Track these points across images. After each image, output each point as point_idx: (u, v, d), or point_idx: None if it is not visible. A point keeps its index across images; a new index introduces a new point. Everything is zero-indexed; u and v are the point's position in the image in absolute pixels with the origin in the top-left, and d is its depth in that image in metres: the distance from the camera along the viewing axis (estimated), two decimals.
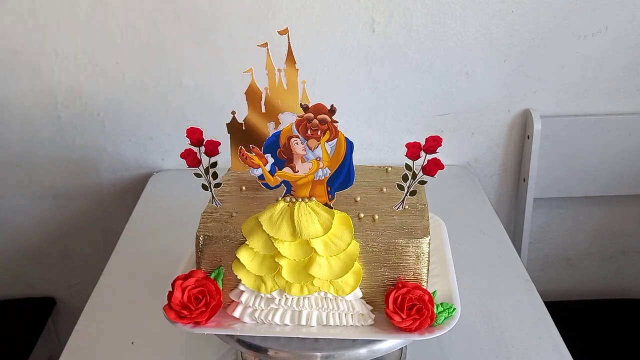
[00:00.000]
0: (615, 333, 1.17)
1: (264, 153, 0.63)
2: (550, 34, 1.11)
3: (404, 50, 1.11)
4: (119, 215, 1.22)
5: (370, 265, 0.63)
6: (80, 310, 0.87)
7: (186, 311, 0.62)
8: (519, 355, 0.78)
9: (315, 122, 0.60)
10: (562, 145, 1.19)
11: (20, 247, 1.31)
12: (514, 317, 0.84)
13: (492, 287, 0.89)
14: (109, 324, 0.84)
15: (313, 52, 1.10)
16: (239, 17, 1.07)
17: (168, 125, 1.18)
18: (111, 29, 1.08)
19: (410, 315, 0.60)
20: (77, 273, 1.35)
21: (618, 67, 1.15)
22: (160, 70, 1.12)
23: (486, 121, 1.19)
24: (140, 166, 1.23)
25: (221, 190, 0.71)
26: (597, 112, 1.19)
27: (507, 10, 1.09)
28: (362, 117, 1.18)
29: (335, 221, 0.62)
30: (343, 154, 0.62)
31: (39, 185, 1.23)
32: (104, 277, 0.94)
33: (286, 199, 0.64)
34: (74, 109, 1.15)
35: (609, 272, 1.38)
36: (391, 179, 0.74)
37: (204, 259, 0.65)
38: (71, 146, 1.19)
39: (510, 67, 1.14)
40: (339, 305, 0.63)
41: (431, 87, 1.15)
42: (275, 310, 0.64)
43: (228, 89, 1.14)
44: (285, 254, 0.62)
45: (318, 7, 1.07)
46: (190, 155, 0.63)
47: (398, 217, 0.67)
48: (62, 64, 1.11)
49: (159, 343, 0.80)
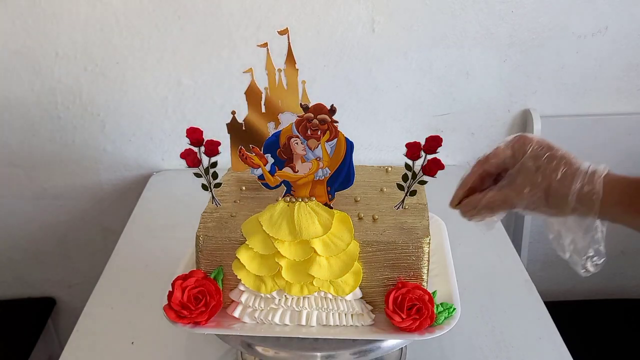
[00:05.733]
0: (615, 333, 1.17)
1: (264, 153, 0.63)
2: (550, 34, 1.11)
3: (404, 50, 1.11)
4: (119, 216, 1.22)
5: (370, 265, 0.63)
6: (80, 310, 0.87)
7: (186, 311, 0.62)
8: (519, 355, 0.78)
9: (315, 122, 0.60)
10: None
11: (20, 247, 1.31)
12: (514, 317, 0.84)
13: (492, 287, 0.89)
14: (109, 324, 0.84)
15: (313, 52, 1.10)
16: (239, 17, 1.07)
17: (168, 125, 1.18)
18: (111, 29, 1.08)
19: (410, 315, 0.60)
20: (77, 273, 1.35)
21: (618, 67, 1.15)
22: (160, 70, 1.12)
23: (486, 121, 1.19)
24: (140, 166, 1.23)
25: (221, 190, 0.71)
26: (597, 112, 1.19)
27: (507, 10, 1.09)
28: (362, 117, 1.18)
29: (335, 221, 0.62)
30: (343, 154, 0.62)
31: (39, 185, 1.23)
32: (104, 277, 0.94)
33: (286, 199, 0.64)
34: (74, 109, 1.15)
35: (609, 272, 1.38)
36: (391, 179, 0.74)
37: (204, 259, 0.65)
38: (71, 146, 1.19)
39: (510, 67, 1.14)
40: (339, 305, 0.63)
41: (431, 87, 1.15)
42: (275, 310, 0.64)
43: (228, 89, 1.14)
44: (285, 254, 0.62)
45: (318, 7, 1.07)
46: (190, 155, 0.63)
47: (398, 217, 0.67)
48: (62, 64, 1.11)
49: (159, 343, 0.80)
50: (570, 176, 0.54)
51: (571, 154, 0.57)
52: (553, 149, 0.57)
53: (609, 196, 0.53)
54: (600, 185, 0.53)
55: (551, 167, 0.55)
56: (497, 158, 0.59)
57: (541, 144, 0.57)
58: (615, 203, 0.53)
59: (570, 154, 0.56)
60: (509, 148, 0.58)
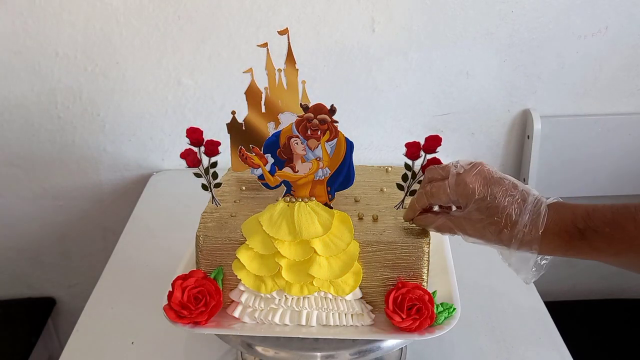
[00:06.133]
0: (615, 333, 1.17)
1: (264, 153, 0.63)
2: (550, 34, 1.11)
3: (404, 50, 1.11)
4: (119, 215, 1.22)
5: (370, 265, 0.63)
6: (80, 310, 0.87)
7: (186, 311, 0.62)
8: (519, 355, 0.78)
9: (315, 122, 0.60)
10: (562, 145, 1.19)
11: (20, 247, 1.31)
12: (514, 317, 0.84)
13: (492, 287, 0.89)
14: (109, 324, 0.84)
15: (313, 52, 1.10)
16: (239, 17, 1.07)
17: (168, 125, 1.18)
18: (111, 29, 1.08)
19: (410, 315, 0.60)
20: (77, 273, 1.35)
21: (618, 67, 1.15)
22: (160, 70, 1.12)
23: (486, 121, 1.19)
24: (140, 166, 1.23)
25: (221, 190, 0.71)
26: (597, 112, 1.19)
27: (507, 10, 1.09)
28: (362, 117, 1.18)
29: (335, 221, 0.62)
30: (343, 154, 0.62)
31: (39, 185, 1.23)
32: (104, 277, 0.94)
33: (286, 199, 0.64)
34: (74, 109, 1.15)
35: (609, 272, 1.38)
36: (391, 179, 0.75)
37: (204, 259, 0.65)
38: (71, 146, 1.19)
39: (510, 67, 1.14)
40: (339, 305, 0.63)
41: (431, 87, 1.15)
42: (275, 310, 0.64)
43: (228, 89, 1.14)
44: (285, 254, 0.62)
45: (318, 7, 1.07)
46: (190, 155, 0.63)
47: (398, 217, 0.67)
48: (62, 64, 1.11)
49: (159, 343, 0.80)
50: (512, 226, 0.57)
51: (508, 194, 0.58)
52: (494, 200, 0.58)
53: (547, 244, 0.57)
54: (538, 239, 0.56)
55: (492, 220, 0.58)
56: (443, 198, 0.61)
57: (482, 195, 0.58)
58: (555, 249, 0.57)
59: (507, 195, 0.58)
60: (454, 193, 0.60)
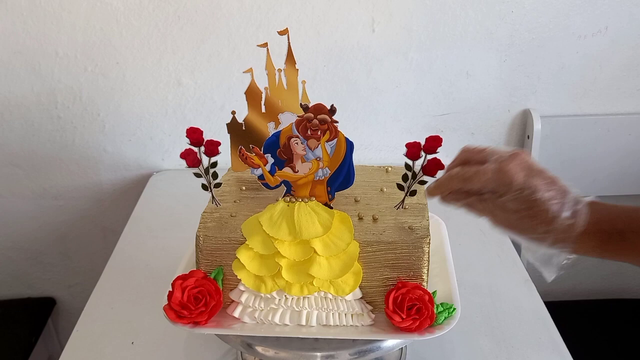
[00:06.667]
0: (615, 333, 1.17)
1: (264, 153, 0.63)
2: (550, 34, 1.11)
3: (404, 50, 1.11)
4: (119, 215, 1.22)
5: (370, 265, 0.63)
6: (80, 310, 0.87)
7: (186, 311, 0.61)
8: (519, 355, 0.77)
9: (315, 122, 0.60)
10: (562, 145, 1.19)
11: (20, 247, 1.31)
12: (514, 317, 0.84)
13: (492, 287, 0.89)
14: (109, 324, 0.84)
15: (313, 52, 1.10)
16: (239, 17, 1.07)
17: (168, 125, 1.18)
18: (111, 29, 1.08)
19: (410, 315, 0.60)
20: (77, 273, 1.35)
21: (618, 67, 1.15)
22: (160, 70, 1.12)
23: (486, 121, 1.19)
24: (140, 166, 1.23)
25: (221, 190, 0.71)
26: (597, 112, 1.19)
27: (507, 10, 1.09)
28: (362, 117, 1.18)
29: (335, 221, 0.62)
30: (343, 154, 0.62)
31: (39, 185, 1.23)
32: (104, 277, 0.94)
33: (286, 199, 0.64)
34: (74, 109, 1.15)
35: (609, 272, 1.38)
36: (391, 179, 0.74)
37: (204, 259, 0.65)
38: (71, 146, 1.19)
39: (510, 67, 1.14)
40: (339, 305, 0.63)
41: (431, 87, 1.15)
42: (275, 310, 0.64)
43: (228, 89, 1.14)
44: (285, 254, 0.62)
45: (318, 7, 1.07)
46: (190, 155, 0.63)
47: (398, 217, 0.67)
48: (62, 64, 1.11)
49: (159, 343, 0.80)
50: (550, 222, 0.57)
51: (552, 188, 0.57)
52: (535, 193, 0.57)
53: (582, 244, 0.57)
54: (574, 238, 0.57)
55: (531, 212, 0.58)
56: (479, 184, 0.60)
57: (522, 185, 0.57)
58: (590, 249, 0.58)
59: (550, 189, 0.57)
60: (492, 180, 0.58)
